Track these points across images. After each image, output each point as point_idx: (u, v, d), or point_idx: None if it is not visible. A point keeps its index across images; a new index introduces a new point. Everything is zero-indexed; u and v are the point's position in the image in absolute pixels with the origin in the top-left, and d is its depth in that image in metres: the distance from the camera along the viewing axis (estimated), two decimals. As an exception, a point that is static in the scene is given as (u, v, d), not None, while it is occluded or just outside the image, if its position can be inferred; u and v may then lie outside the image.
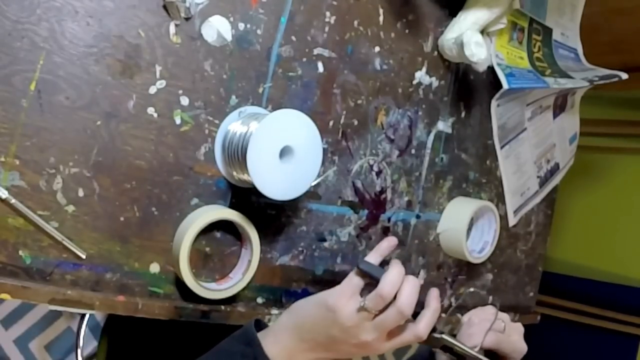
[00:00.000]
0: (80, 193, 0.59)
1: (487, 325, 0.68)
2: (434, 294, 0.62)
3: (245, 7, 0.67)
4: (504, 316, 0.71)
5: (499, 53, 0.94)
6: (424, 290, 0.61)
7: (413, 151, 0.87)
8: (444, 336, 0.64)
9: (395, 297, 0.57)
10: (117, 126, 0.60)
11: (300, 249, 0.77)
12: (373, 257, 0.66)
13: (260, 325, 0.63)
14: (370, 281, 0.60)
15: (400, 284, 0.58)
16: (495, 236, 0.95)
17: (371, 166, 0.82)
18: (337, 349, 0.60)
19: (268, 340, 0.59)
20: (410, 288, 0.58)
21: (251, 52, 0.69)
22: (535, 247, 1.14)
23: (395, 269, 0.59)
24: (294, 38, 0.72)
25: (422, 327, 0.59)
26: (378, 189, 0.84)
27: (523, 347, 0.69)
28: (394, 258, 0.88)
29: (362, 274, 0.60)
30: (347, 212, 0.81)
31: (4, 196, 0.54)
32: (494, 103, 0.95)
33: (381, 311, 0.58)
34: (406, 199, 0.88)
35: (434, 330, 0.63)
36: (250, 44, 0.68)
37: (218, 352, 0.60)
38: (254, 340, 0.58)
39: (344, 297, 0.58)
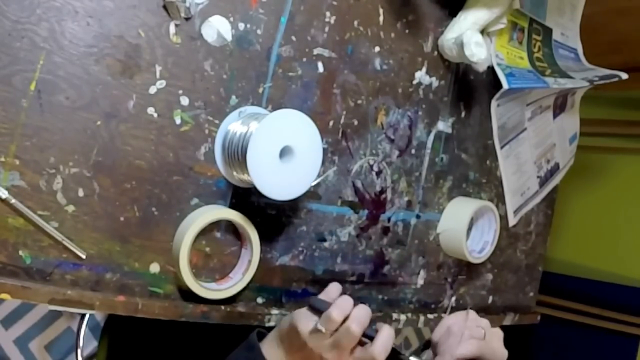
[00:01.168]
0: (80, 193, 0.59)
1: (467, 333, 0.69)
2: (382, 324, 0.65)
3: (245, 7, 0.67)
4: (484, 322, 0.72)
5: (499, 53, 0.94)
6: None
7: (413, 151, 0.87)
8: (411, 358, 0.65)
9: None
10: (117, 126, 0.60)
11: (300, 249, 0.77)
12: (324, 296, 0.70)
13: (264, 335, 0.68)
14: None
15: (349, 310, 0.62)
16: (495, 236, 0.95)
17: (371, 166, 0.82)
18: None
19: (265, 347, 0.64)
20: (360, 309, 0.63)
21: (251, 52, 0.69)
22: (535, 247, 1.14)
23: (344, 297, 0.64)
24: (294, 38, 0.72)
25: (377, 346, 0.61)
26: (378, 189, 0.84)
27: (504, 353, 0.70)
28: (393, 258, 0.88)
29: (314, 310, 0.65)
30: (347, 212, 0.81)
31: (4, 196, 0.54)
32: (494, 103, 0.95)
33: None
34: (406, 199, 0.88)
35: (398, 353, 0.65)
36: (250, 44, 0.68)
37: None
38: (255, 346, 0.63)
39: (303, 318, 0.63)
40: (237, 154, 0.64)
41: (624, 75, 0.99)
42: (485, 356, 0.68)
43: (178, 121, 0.64)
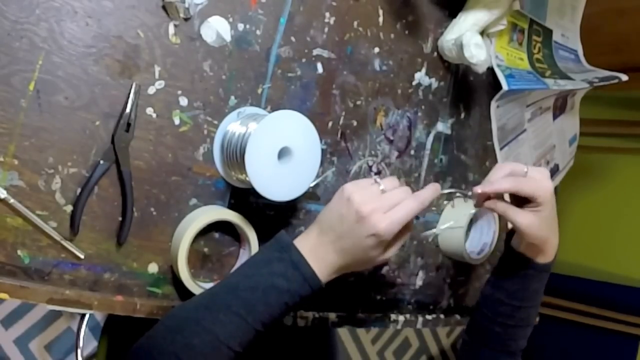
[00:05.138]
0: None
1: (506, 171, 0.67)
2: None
3: (245, 8, 0.67)
4: (530, 167, 0.68)
5: (499, 54, 0.94)
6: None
7: (412, 152, 0.87)
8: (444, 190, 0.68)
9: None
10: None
11: (299, 249, 0.77)
12: None
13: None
14: None
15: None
16: (494, 237, 0.95)
17: (370, 167, 0.82)
18: (347, 231, 0.60)
19: (297, 242, 0.61)
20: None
21: (250, 52, 0.69)
22: (535, 247, 1.14)
23: None
24: (293, 39, 0.72)
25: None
26: (377, 189, 0.84)
27: (546, 185, 0.65)
28: (392, 259, 0.88)
29: None
30: (346, 212, 0.81)
31: (2, 196, 0.54)
32: (493, 104, 0.95)
33: None
34: (405, 199, 0.88)
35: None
36: (250, 44, 0.68)
37: (254, 262, 0.61)
38: (288, 245, 0.60)
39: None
40: (236, 155, 0.64)
41: (624, 77, 0.99)
42: (524, 191, 0.64)
43: (177, 121, 0.64)
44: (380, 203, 0.59)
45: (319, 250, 0.61)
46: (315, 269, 0.59)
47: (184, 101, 0.64)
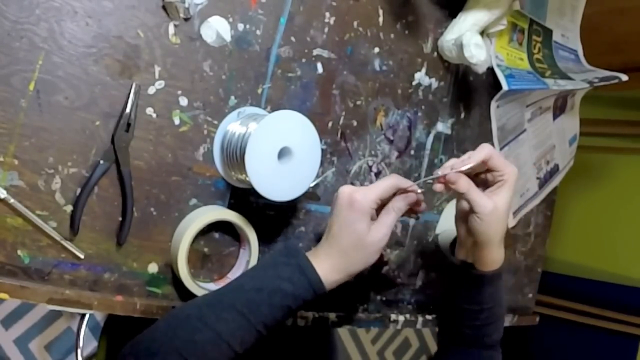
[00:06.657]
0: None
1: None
2: None
3: (245, 8, 0.67)
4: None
5: (499, 54, 0.94)
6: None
7: (412, 152, 0.87)
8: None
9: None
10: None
11: (299, 249, 0.77)
12: None
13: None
14: None
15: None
16: (494, 237, 0.94)
17: (370, 167, 0.82)
18: (334, 215, 0.63)
19: (308, 253, 0.63)
20: None
21: (250, 52, 0.69)
22: (535, 248, 1.14)
23: None
24: (293, 39, 0.72)
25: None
26: (377, 189, 0.84)
27: (513, 167, 0.65)
28: (392, 259, 0.88)
29: None
30: (346, 212, 0.81)
31: (2, 196, 0.54)
32: (493, 104, 0.95)
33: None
34: (405, 199, 0.88)
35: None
36: (250, 44, 0.68)
37: (262, 265, 0.63)
38: (297, 251, 0.62)
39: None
40: (236, 155, 0.64)
41: (624, 77, 0.98)
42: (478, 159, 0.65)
43: (177, 121, 0.64)
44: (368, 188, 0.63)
45: (319, 252, 0.63)
46: (320, 275, 0.60)
47: (184, 101, 0.64)
